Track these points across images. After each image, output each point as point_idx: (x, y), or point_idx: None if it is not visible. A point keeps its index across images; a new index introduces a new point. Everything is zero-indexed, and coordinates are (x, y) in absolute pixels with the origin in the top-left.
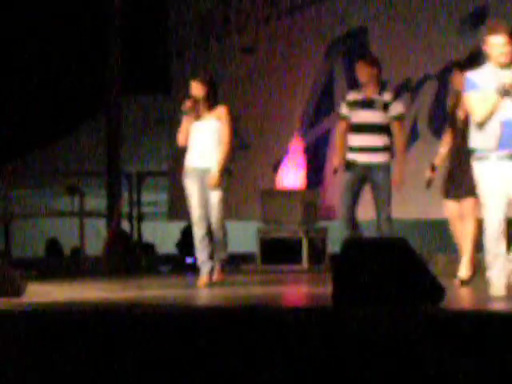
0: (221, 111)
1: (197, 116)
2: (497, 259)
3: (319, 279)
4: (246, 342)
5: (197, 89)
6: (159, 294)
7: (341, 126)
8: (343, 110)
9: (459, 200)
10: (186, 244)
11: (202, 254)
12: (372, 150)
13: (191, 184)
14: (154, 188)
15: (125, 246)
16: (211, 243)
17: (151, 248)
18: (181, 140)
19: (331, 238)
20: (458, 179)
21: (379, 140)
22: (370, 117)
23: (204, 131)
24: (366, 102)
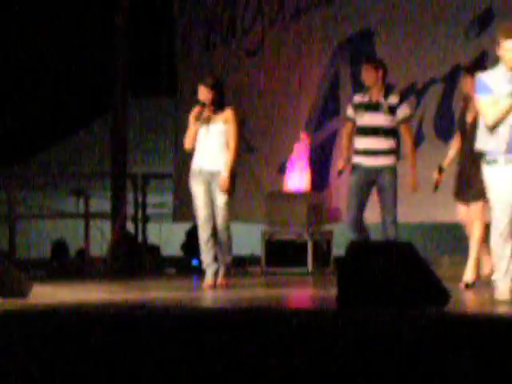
0: (228, 114)
1: (206, 120)
2: (502, 262)
3: (324, 282)
4: (251, 344)
5: (204, 93)
6: (164, 295)
7: (347, 128)
8: (349, 112)
9: (468, 203)
10: (190, 246)
11: (207, 257)
12: (377, 153)
13: (197, 186)
14: (159, 190)
15: (130, 247)
16: (216, 245)
17: (156, 250)
18: (188, 144)
19: (336, 240)
20: (466, 183)
21: (385, 143)
22: (375, 120)
23: (211, 134)
24: (372, 105)
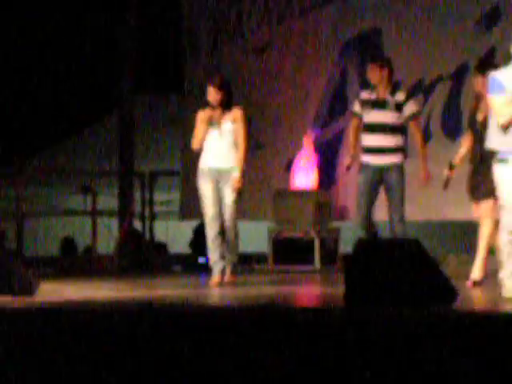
0: (236, 113)
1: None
2: (509, 259)
3: (331, 279)
4: (258, 342)
5: (212, 94)
6: (171, 293)
7: (353, 123)
8: (356, 108)
9: (478, 202)
10: (198, 243)
11: (214, 254)
12: (384, 151)
13: (205, 184)
14: (167, 187)
15: (137, 245)
16: (223, 243)
17: (163, 247)
18: (196, 145)
19: (343, 238)
20: (476, 181)
21: (392, 140)
22: (381, 117)
23: (219, 133)
24: (379, 103)
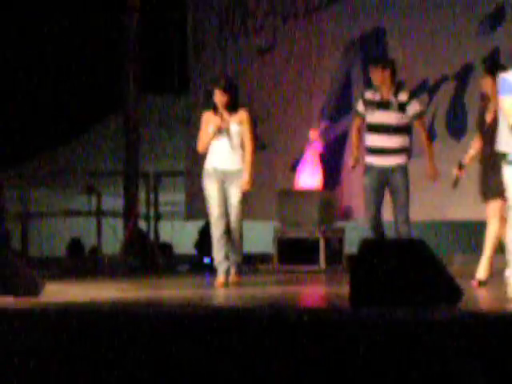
0: (242, 116)
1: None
2: None
3: (336, 280)
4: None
5: (218, 96)
6: (176, 293)
7: (356, 122)
8: (359, 108)
9: (486, 202)
10: (203, 244)
11: (218, 254)
12: (388, 152)
13: (211, 184)
14: (172, 188)
15: (142, 245)
16: (228, 243)
17: (168, 248)
18: (202, 148)
19: (348, 238)
20: (485, 182)
21: (396, 141)
22: (385, 118)
23: (226, 135)
24: (382, 103)
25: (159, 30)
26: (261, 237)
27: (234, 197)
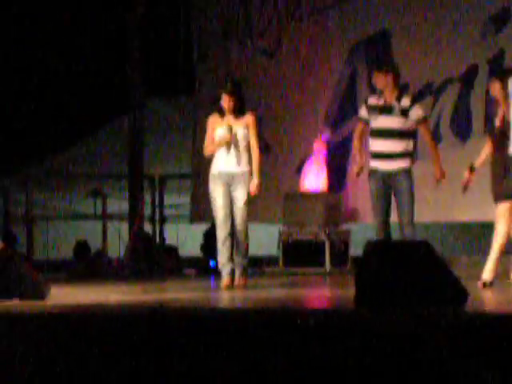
0: (249, 120)
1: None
2: None
3: (342, 282)
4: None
5: (225, 100)
6: (182, 296)
7: (359, 127)
8: (363, 113)
9: (496, 203)
10: (209, 246)
11: (222, 257)
12: (392, 156)
13: (217, 187)
14: (177, 190)
15: (147, 248)
16: (233, 246)
17: (174, 250)
18: (208, 154)
19: (354, 240)
20: (495, 184)
21: (400, 145)
22: (389, 122)
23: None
24: (386, 108)
25: (164, 32)
26: (266, 239)
27: (240, 199)
